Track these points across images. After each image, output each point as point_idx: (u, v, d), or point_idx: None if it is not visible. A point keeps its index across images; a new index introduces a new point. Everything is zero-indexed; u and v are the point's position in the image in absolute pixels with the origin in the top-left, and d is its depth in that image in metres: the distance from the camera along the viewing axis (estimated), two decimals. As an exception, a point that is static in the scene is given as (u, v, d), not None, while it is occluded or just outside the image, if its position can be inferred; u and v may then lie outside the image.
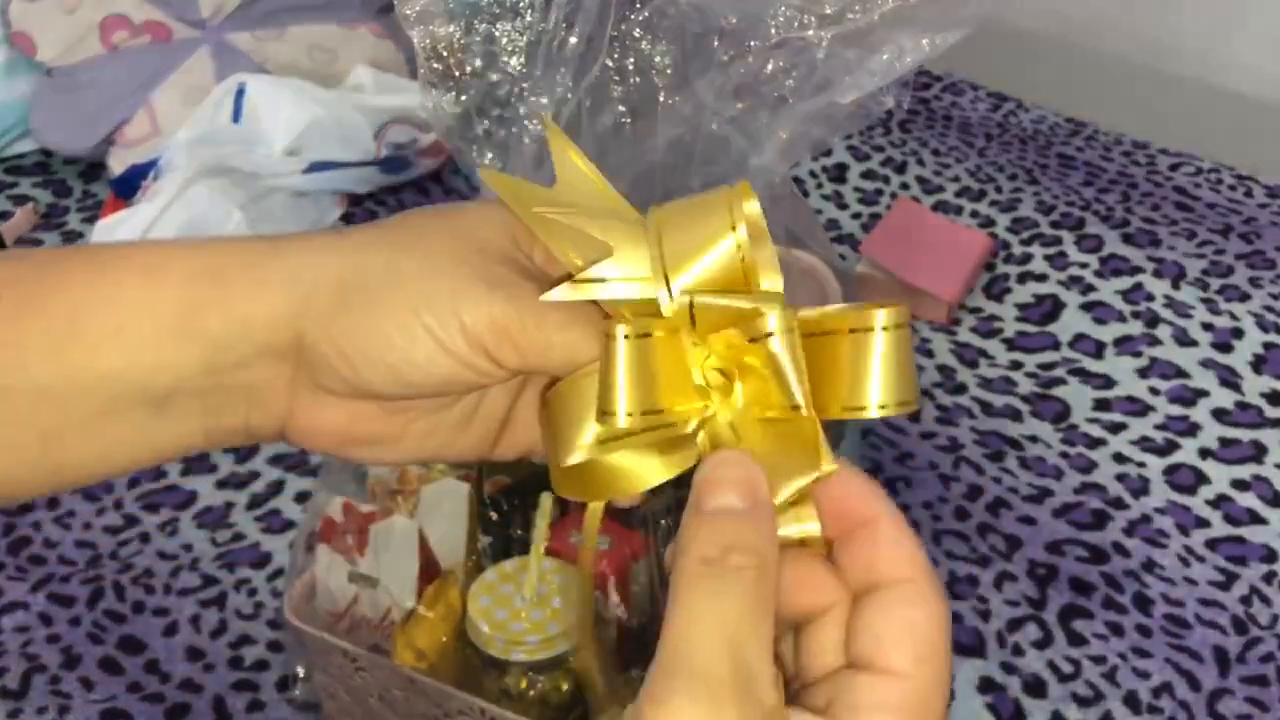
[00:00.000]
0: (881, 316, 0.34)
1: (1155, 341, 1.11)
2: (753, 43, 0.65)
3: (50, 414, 0.38)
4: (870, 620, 0.32)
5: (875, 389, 0.34)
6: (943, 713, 0.31)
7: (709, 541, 0.32)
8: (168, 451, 0.40)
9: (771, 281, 0.36)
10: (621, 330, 0.35)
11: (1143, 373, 1.08)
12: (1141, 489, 0.98)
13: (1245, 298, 1.15)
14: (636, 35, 0.68)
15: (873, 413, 0.34)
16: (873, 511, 0.34)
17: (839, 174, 1.31)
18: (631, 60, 0.69)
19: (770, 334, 0.34)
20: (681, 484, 0.36)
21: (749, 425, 0.36)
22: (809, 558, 0.35)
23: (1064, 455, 1.00)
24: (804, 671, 0.35)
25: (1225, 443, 1.02)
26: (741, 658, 0.29)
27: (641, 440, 0.36)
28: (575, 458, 0.37)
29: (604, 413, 0.35)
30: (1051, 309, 1.15)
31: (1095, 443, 1.02)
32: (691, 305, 0.36)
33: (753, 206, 0.37)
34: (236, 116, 1.19)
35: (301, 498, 0.96)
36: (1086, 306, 1.15)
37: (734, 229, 0.36)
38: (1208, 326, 1.12)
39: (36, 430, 0.38)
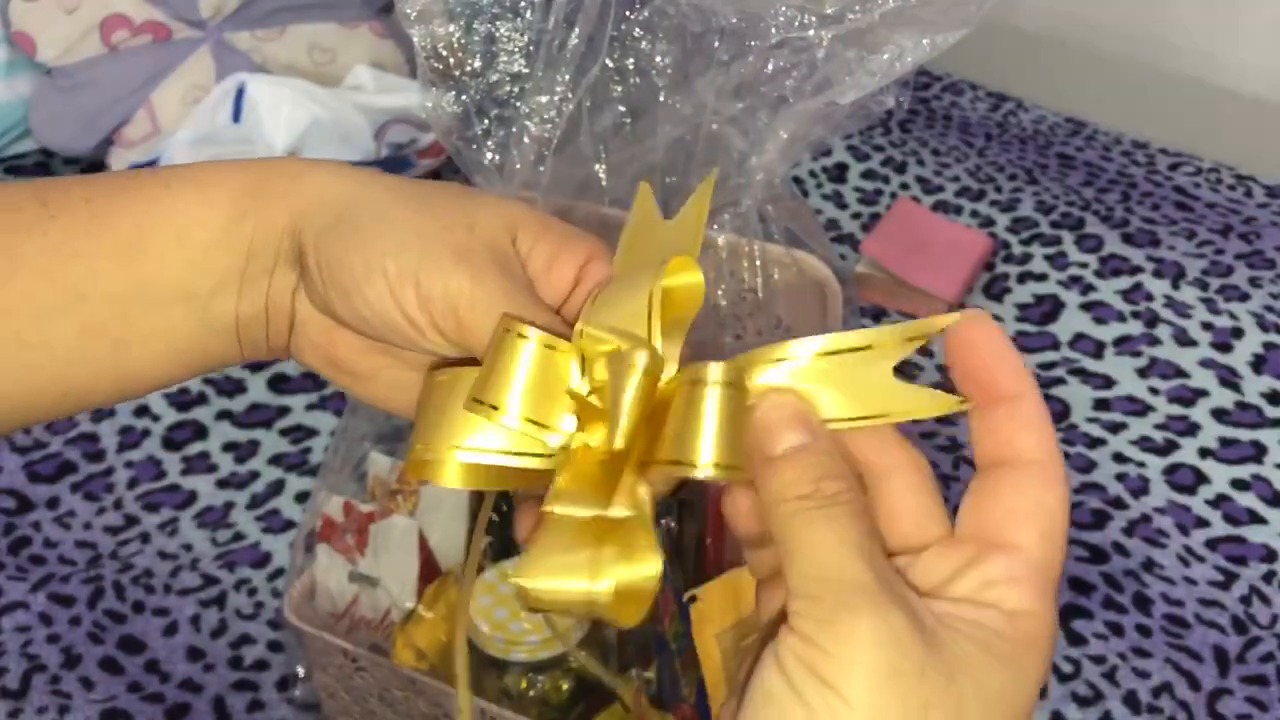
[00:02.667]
0: (715, 371, 0.34)
1: (1155, 341, 1.11)
2: (753, 43, 0.65)
3: (119, 322, 0.41)
4: (1004, 495, 0.34)
5: (706, 446, 0.34)
6: (1057, 594, 0.33)
7: (797, 480, 0.33)
8: (212, 358, 0.44)
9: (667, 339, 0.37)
10: (535, 335, 0.37)
11: (1142, 373, 1.08)
12: (1141, 489, 0.98)
13: (1245, 298, 1.15)
14: (636, 35, 0.68)
15: (702, 472, 0.34)
16: (1017, 389, 0.36)
17: (839, 174, 1.31)
18: (631, 60, 0.69)
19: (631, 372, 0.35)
20: (680, 489, 0.36)
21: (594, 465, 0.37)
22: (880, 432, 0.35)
23: (1064, 455, 1.00)
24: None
25: (1225, 442, 1.02)
26: (876, 565, 0.31)
27: (507, 451, 0.38)
28: (448, 457, 0.39)
29: (492, 407, 0.37)
30: (1051, 309, 1.15)
31: (1095, 442, 1.02)
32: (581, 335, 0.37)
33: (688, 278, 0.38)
34: (236, 116, 1.19)
35: (301, 498, 0.96)
36: (1086, 306, 1.15)
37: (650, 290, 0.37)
38: (1207, 326, 1.12)
39: (108, 339, 0.41)
